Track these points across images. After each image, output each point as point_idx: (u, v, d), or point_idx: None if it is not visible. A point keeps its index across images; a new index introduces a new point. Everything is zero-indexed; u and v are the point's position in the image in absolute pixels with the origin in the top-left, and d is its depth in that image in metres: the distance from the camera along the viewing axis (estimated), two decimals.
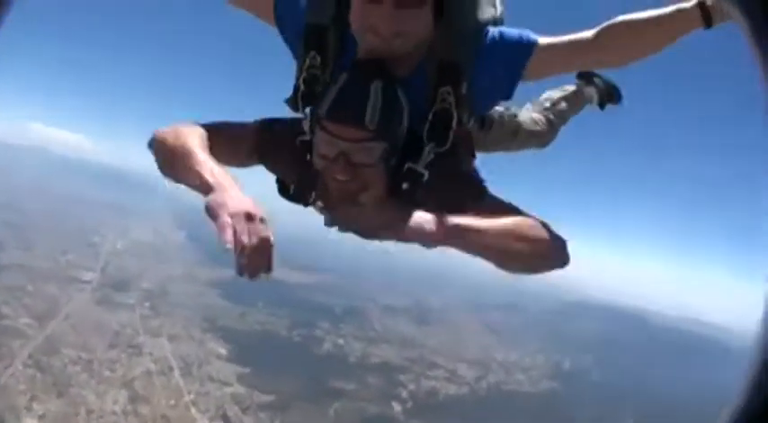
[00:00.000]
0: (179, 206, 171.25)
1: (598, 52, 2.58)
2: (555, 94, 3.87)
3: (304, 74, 2.59)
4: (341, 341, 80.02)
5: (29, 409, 48.51)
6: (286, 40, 2.78)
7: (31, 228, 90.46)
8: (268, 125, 2.82)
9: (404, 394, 69.45)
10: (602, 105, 4.03)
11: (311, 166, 2.49)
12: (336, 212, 2.53)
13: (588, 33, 2.55)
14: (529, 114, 3.73)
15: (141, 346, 65.36)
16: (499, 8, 2.76)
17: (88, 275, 79.47)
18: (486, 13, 2.66)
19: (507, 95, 2.75)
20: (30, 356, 55.60)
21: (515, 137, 3.64)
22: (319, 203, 2.73)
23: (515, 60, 2.55)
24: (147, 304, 76.29)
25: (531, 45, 2.53)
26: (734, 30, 1.27)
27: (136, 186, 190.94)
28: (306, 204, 2.82)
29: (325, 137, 2.35)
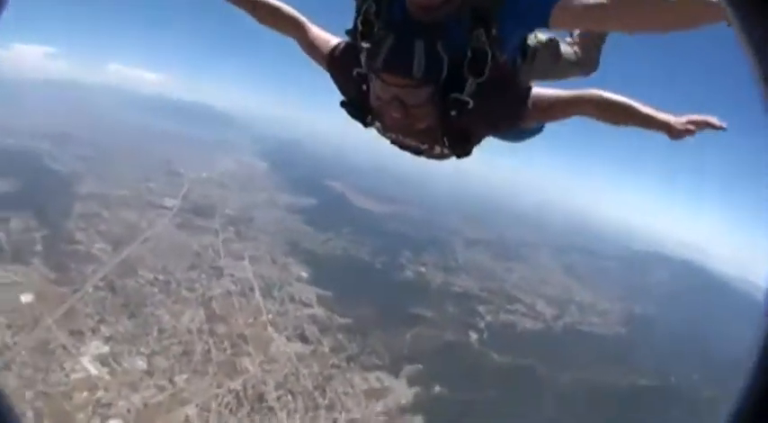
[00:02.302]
0: (262, 138, 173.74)
1: (613, 18, 2.67)
2: None
3: (362, 17, 2.89)
4: (422, 269, 77.63)
5: (95, 331, 47.68)
6: None
7: (110, 161, 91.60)
8: (339, 50, 3.24)
9: (481, 325, 67.04)
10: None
11: (366, 94, 2.90)
12: (390, 131, 3.18)
13: None
14: (564, 45, 3.85)
15: (222, 267, 64.26)
16: None
17: (170, 202, 79.19)
18: None
19: (540, 27, 2.93)
20: (102, 279, 55.02)
21: (558, 62, 3.80)
22: (377, 124, 3.16)
23: (537, 13, 2.73)
24: (230, 229, 75.74)
25: (551, 5, 2.69)
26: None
27: (218, 121, 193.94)
28: (365, 124, 3.19)
29: (381, 84, 2.70)
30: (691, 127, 2.94)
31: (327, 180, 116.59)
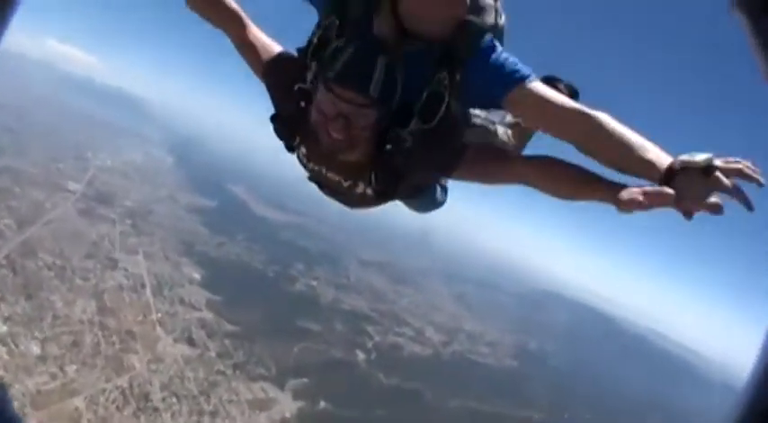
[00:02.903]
0: (174, 133, 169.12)
1: (564, 125, 2.52)
2: None
3: (320, 32, 2.65)
4: (314, 283, 77.83)
5: None
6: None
7: (30, 135, 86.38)
8: (283, 57, 2.98)
9: (369, 345, 68.23)
10: None
11: (303, 112, 2.59)
12: (314, 161, 2.88)
13: (576, 107, 2.49)
14: (503, 129, 3.62)
15: (117, 260, 63.04)
16: (501, 20, 2.84)
17: (74, 186, 76.21)
18: (487, 20, 2.75)
19: (493, 105, 2.82)
20: (6, 257, 52.98)
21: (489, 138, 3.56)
22: (303, 150, 2.89)
23: (501, 83, 2.59)
24: (128, 221, 73.72)
25: (515, 82, 2.56)
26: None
27: (135, 110, 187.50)
28: (290, 146, 2.93)
29: (330, 97, 2.41)
30: (641, 199, 2.08)
31: (230, 184, 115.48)
